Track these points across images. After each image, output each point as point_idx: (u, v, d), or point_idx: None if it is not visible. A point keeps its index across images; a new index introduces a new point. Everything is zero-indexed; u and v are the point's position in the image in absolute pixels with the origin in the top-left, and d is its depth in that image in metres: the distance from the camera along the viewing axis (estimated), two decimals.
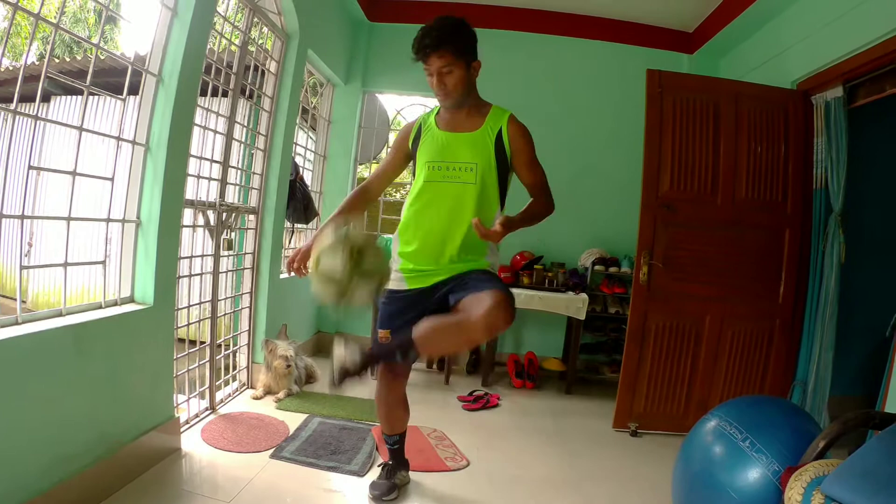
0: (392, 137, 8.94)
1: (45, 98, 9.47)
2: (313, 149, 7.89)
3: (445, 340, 3.25)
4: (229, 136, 4.98)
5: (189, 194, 4.37)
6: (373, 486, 3.90)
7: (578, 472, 4.60)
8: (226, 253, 5.14)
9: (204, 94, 4.39)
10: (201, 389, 4.90)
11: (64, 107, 9.53)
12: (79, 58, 9.06)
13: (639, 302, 5.51)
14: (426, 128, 3.59)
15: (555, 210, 3.54)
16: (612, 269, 7.07)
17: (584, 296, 6.65)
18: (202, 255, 4.87)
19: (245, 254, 5.69)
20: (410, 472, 4.23)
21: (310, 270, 3.20)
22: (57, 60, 8.76)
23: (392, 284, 3.56)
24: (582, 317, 6.63)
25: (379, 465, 4.11)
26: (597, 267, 7.00)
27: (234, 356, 5.68)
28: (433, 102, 8.19)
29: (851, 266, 5.26)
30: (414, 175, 3.65)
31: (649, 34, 7.48)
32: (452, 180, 3.41)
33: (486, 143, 3.42)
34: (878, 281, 5.97)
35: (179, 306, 4.44)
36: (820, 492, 2.43)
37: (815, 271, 5.41)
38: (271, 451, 4.39)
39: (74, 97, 9.41)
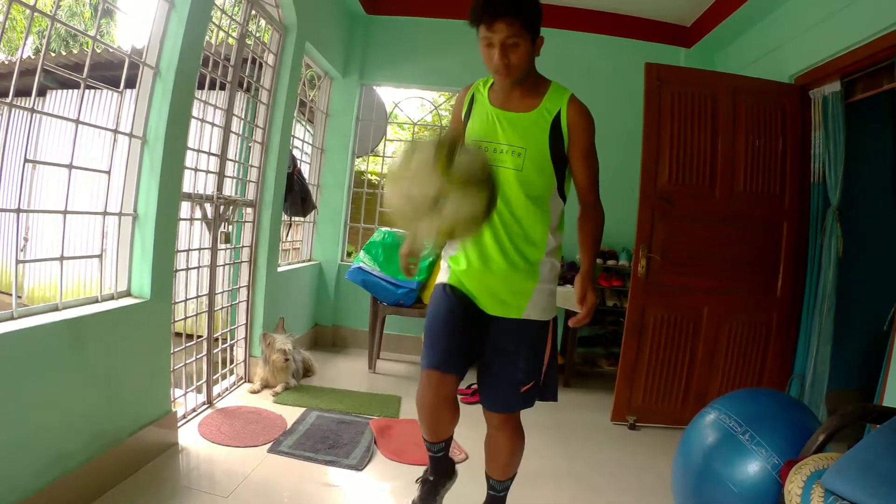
0: (390, 131, 8.95)
1: (42, 92, 9.46)
2: (311, 142, 7.88)
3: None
4: (227, 129, 4.97)
5: (186, 187, 4.36)
6: None
7: (577, 466, 4.60)
8: (223, 246, 5.12)
9: (201, 87, 4.37)
10: (198, 384, 4.89)
11: (60, 101, 9.51)
12: (75, 52, 9.05)
13: (637, 295, 5.50)
14: (478, 100, 3.20)
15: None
16: (611, 262, 7.07)
17: None
18: (199, 249, 4.86)
19: (242, 247, 5.68)
20: (409, 466, 4.24)
21: (391, 198, 2.61)
22: (53, 54, 8.75)
23: (440, 277, 3.31)
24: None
25: (417, 481, 3.62)
26: (597, 260, 6.96)
27: (232, 350, 5.68)
28: (432, 96, 8.17)
29: (849, 260, 5.26)
30: None
31: (646, 28, 7.47)
32: (500, 164, 3.00)
33: (543, 125, 3.04)
34: (876, 275, 5.96)
35: (176, 300, 4.41)
36: (820, 485, 2.43)
37: (812, 265, 5.42)
38: (269, 445, 4.38)
39: (71, 91, 9.40)
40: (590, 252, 3.29)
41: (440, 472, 3.53)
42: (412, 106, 11.17)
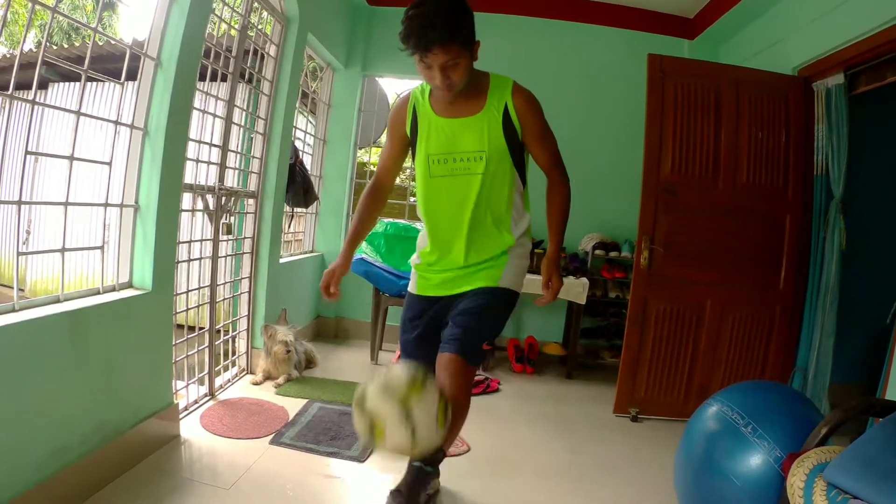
0: None
1: (43, 85, 9.45)
2: (313, 133, 7.86)
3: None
4: (228, 120, 4.95)
5: (188, 178, 4.35)
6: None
7: (579, 458, 4.60)
8: (225, 237, 5.11)
9: (203, 78, 4.37)
10: (200, 375, 4.88)
11: (62, 93, 9.49)
12: (77, 44, 9.04)
13: (639, 287, 5.50)
14: (421, 112, 3.21)
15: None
16: (613, 254, 7.06)
17: (584, 280, 6.63)
18: (201, 240, 4.86)
19: (244, 238, 5.68)
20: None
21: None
22: (55, 47, 8.74)
23: (409, 285, 3.49)
24: (582, 301, 6.60)
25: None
26: (597, 251, 6.98)
27: (234, 341, 5.68)
28: None
29: (852, 253, 5.25)
30: (414, 160, 3.32)
31: (649, 19, 7.44)
32: (458, 173, 3.13)
33: (493, 125, 3.09)
34: (879, 268, 5.96)
35: (178, 291, 4.42)
36: (822, 479, 2.42)
37: (815, 258, 5.40)
38: (271, 436, 4.38)
39: (72, 84, 9.38)
40: (556, 228, 3.33)
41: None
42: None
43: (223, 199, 4.92)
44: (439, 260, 3.30)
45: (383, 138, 8.36)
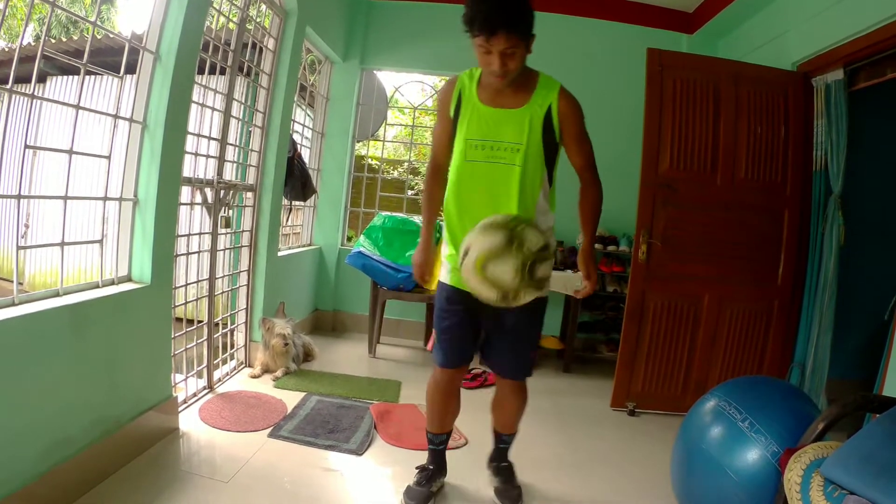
0: (390, 115, 8.93)
1: (42, 79, 9.46)
2: (311, 126, 7.88)
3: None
4: (227, 114, 4.95)
5: (187, 172, 4.34)
6: (408, 493, 3.64)
7: (576, 451, 4.61)
8: (223, 231, 5.12)
9: (202, 71, 4.37)
10: (199, 368, 4.90)
11: (61, 87, 9.51)
12: (76, 38, 9.04)
13: (637, 281, 5.50)
14: (466, 97, 3.27)
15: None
16: (611, 248, 7.07)
17: (581, 274, 6.61)
18: (200, 233, 4.87)
19: (243, 232, 5.68)
20: (409, 451, 4.30)
21: (471, 271, 2.80)
22: (53, 41, 8.74)
23: (442, 275, 3.49)
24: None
25: (417, 468, 3.84)
26: (595, 245, 6.97)
27: (232, 335, 5.69)
28: (431, 79, 8.15)
29: (851, 248, 5.26)
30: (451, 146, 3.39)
31: (648, 13, 7.44)
32: (495, 160, 3.19)
33: (534, 121, 3.18)
34: (878, 264, 5.97)
35: (177, 285, 4.42)
36: (819, 474, 2.44)
37: (814, 253, 5.41)
38: (269, 430, 4.40)
39: (71, 77, 9.39)
40: (590, 227, 3.47)
41: (439, 463, 3.80)
42: (413, 90, 11.17)
43: (222, 192, 4.92)
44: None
45: (381, 131, 8.38)
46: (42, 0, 2.99)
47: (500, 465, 3.84)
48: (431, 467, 3.77)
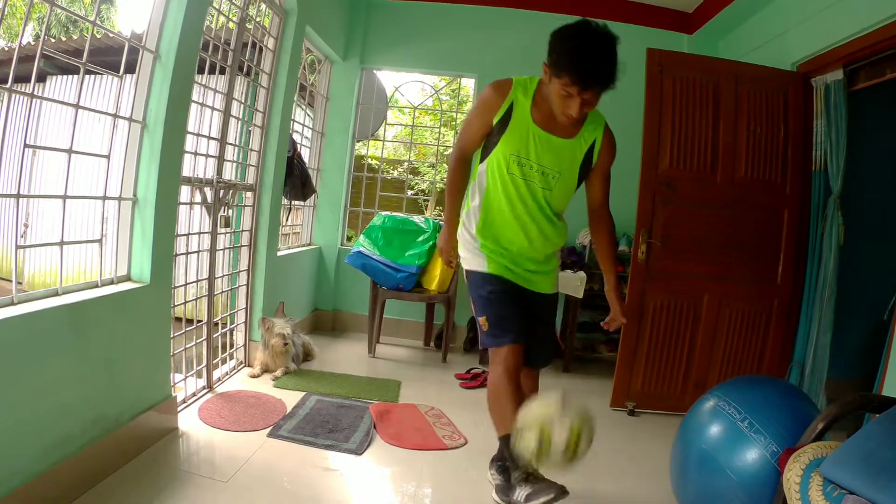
0: (390, 115, 8.93)
1: (42, 78, 9.47)
2: (311, 126, 7.88)
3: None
4: (227, 113, 4.95)
5: (186, 171, 4.34)
6: (538, 491, 3.27)
7: None
8: (223, 230, 5.12)
9: (201, 71, 4.37)
10: (198, 368, 4.90)
11: (60, 86, 9.53)
12: (75, 37, 9.05)
13: (637, 280, 5.51)
14: (519, 112, 3.24)
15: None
16: None
17: (581, 274, 6.63)
18: (199, 233, 4.86)
19: (242, 231, 5.68)
20: (409, 451, 4.30)
21: (526, 431, 2.79)
22: (53, 40, 8.74)
23: (471, 264, 3.51)
24: (580, 295, 6.60)
25: (521, 474, 3.38)
26: (594, 245, 6.98)
27: (232, 334, 5.68)
28: (431, 79, 8.15)
29: (850, 248, 5.25)
30: (486, 147, 3.39)
31: (648, 13, 7.44)
32: (531, 180, 3.27)
33: (578, 154, 3.31)
34: (877, 263, 5.95)
35: (176, 284, 4.42)
36: (819, 474, 2.44)
37: (813, 253, 5.41)
38: (268, 429, 4.39)
39: (71, 77, 9.40)
40: (613, 260, 3.72)
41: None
42: (413, 90, 11.17)
43: (221, 191, 4.92)
44: (508, 251, 3.44)
45: (381, 131, 8.38)
46: None
47: (505, 464, 3.60)
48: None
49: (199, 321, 4.90)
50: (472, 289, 3.52)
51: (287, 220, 6.89)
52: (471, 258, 3.51)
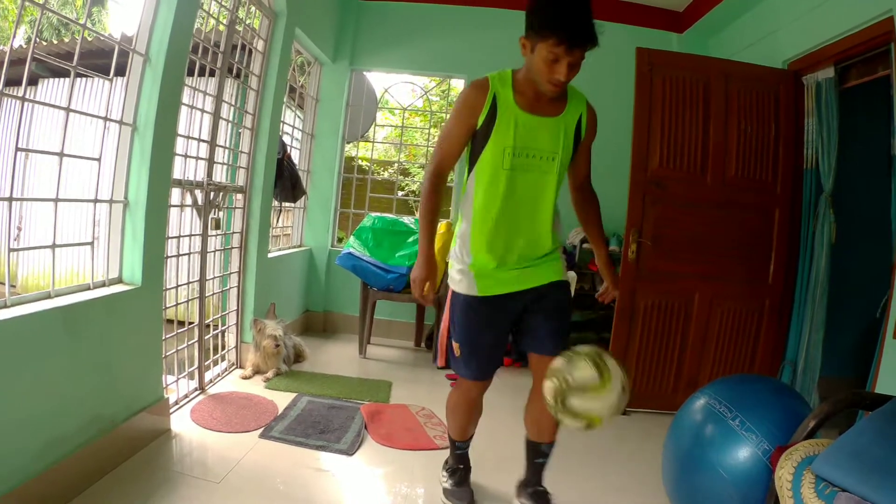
0: (380, 116, 8.93)
1: (33, 81, 9.45)
2: (301, 127, 7.88)
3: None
4: (216, 116, 4.96)
5: (176, 174, 4.36)
6: (455, 495, 3.68)
7: (568, 451, 4.61)
8: (213, 232, 5.13)
9: (191, 73, 4.37)
10: (190, 370, 4.91)
11: (52, 89, 9.50)
12: (66, 40, 9.04)
13: (627, 280, 5.51)
14: (503, 104, 3.11)
15: None
16: None
17: (572, 274, 6.62)
18: (190, 235, 4.87)
19: (233, 233, 5.69)
20: (400, 451, 4.33)
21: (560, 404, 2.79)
22: (45, 43, 8.73)
23: (460, 286, 3.38)
24: (570, 295, 6.60)
25: (448, 471, 3.83)
26: (585, 245, 6.98)
27: (223, 336, 5.69)
28: (421, 80, 8.16)
29: (842, 247, 5.28)
30: (472, 156, 3.24)
31: (638, 13, 7.46)
32: (533, 170, 3.15)
33: (569, 130, 3.19)
34: (869, 262, 5.94)
35: (168, 286, 4.44)
36: (811, 471, 2.44)
37: (805, 252, 5.43)
38: (260, 430, 4.41)
39: (62, 80, 9.39)
40: (601, 234, 3.74)
41: (467, 463, 3.82)
42: (402, 91, 11.18)
43: (211, 194, 4.93)
44: (496, 258, 3.27)
45: (371, 132, 8.39)
46: (31, 3, 2.99)
47: (538, 489, 3.63)
48: (461, 466, 3.79)
49: (190, 323, 4.90)
50: (454, 309, 3.46)
51: (277, 221, 6.89)
52: (458, 279, 3.39)
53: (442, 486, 3.76)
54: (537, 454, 3.61)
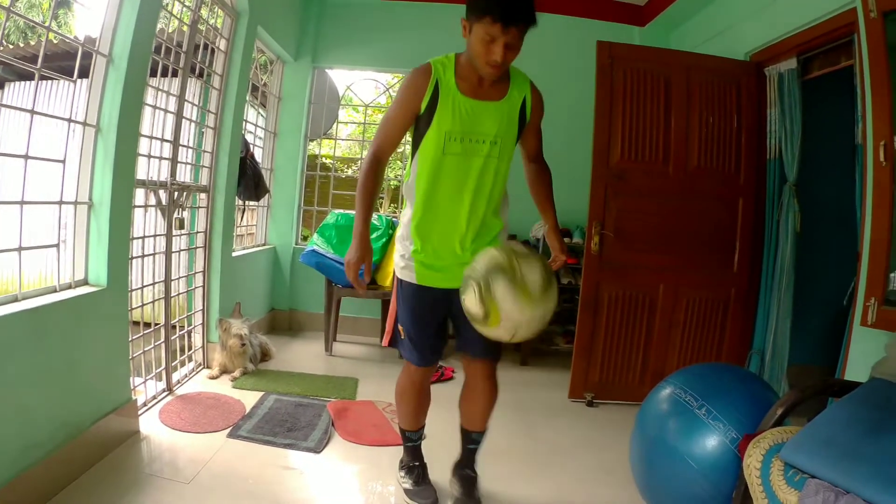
0: (342, 113, 8.91)
1: (0, 85, 9.38)
2: (263, 126, 7.85)
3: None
4: (179, 115, 4.94)
5: (140, 174, 4.35)
6: (419, 495, 3.68)
7: (536, 443, 4.65)
8: (178, 232, 5.10)
9: (154, 74, 4.36)
10: (158, 371, 4.88)
11: (19, 92, 9.49)
12: (33, 43, 9.00)
13: (591, 272, 5.56)
14: (445, 88, 3.12)
15: None
16: (564, 240, 7.09)
17: None
18: (154, 235, 4.84)
19: (197, 233, 5.66)
20: (367, 447, 4.37)
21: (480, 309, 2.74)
22: (11, 46, 8.68)
23: (403, 273, 3.41)
24: None
25: (404, 469, 3.86)
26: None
27: (190, 336, 5.66)
28: (384, 77, 8.16)
29: (807, 235, 5.34)
30: (415, 140, 3.27)
31: (599, 6, 7.49)
32: (474, 154, 3.15)
33: (512, 113, 3.19)
34: (835, 250, 5.98)
35: (133, 287, 4.42)
36: (779, 459, 2.48)
37: (770, 241, 5.50)
38: (228, 430, 4.41)
39: (29, 82, 9.34)
40: (552, 205, 3.63)
41: (422, 459, 3.85)
42: (365, 88, 11.15)
43: (175, 193, 4.91)
44: (438, 246, 3.31)
45: (333, 130, 8.37)
46: None
47: (466, 472, 3.74)
48: (417, 463, 3.81)
49: (156, 324, 4.88)
50: (399, 295, 3.49)
51: (241, 220, 6.87)
52: (402, 265, 3.42)
53: (403, 487, 3.77)
54: (469, 441, 3.72)
